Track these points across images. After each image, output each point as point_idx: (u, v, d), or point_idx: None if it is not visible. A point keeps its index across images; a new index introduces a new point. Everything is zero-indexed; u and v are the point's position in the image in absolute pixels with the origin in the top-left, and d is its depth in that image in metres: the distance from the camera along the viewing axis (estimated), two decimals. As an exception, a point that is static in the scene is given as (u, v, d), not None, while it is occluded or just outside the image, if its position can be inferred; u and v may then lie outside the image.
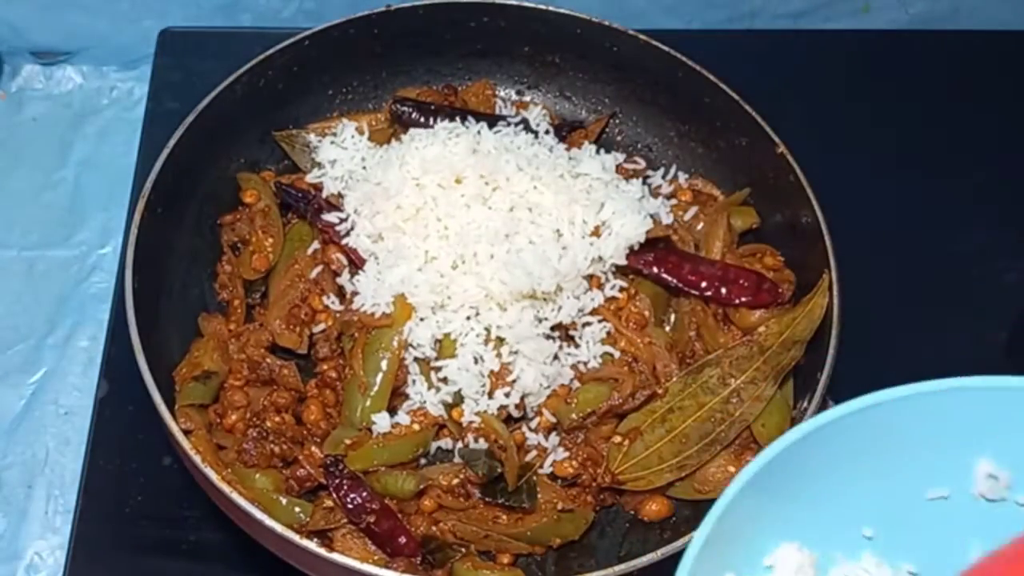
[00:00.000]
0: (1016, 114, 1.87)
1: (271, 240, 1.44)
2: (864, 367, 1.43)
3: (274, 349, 1.37)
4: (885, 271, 1.65)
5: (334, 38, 1.52)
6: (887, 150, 1.82)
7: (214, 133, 1.45)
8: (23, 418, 1.58)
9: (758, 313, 1.38)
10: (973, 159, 1.81)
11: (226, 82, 1.45)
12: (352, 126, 1.53)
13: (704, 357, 1.36)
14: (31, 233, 1.75)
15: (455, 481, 1.28)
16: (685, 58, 1.52)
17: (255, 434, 1.28)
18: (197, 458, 1.19)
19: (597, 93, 1.64)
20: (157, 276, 1.36)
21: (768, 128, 1.45)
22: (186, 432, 1.24)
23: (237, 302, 1.42)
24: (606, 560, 1.30)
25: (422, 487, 1.27)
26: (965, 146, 1.82)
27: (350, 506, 1.24)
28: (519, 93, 1.65)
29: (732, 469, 1.30)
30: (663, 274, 1.39)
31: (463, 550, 1.27)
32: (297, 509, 1.25)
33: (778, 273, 1.43)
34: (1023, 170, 1.82)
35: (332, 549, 1.17)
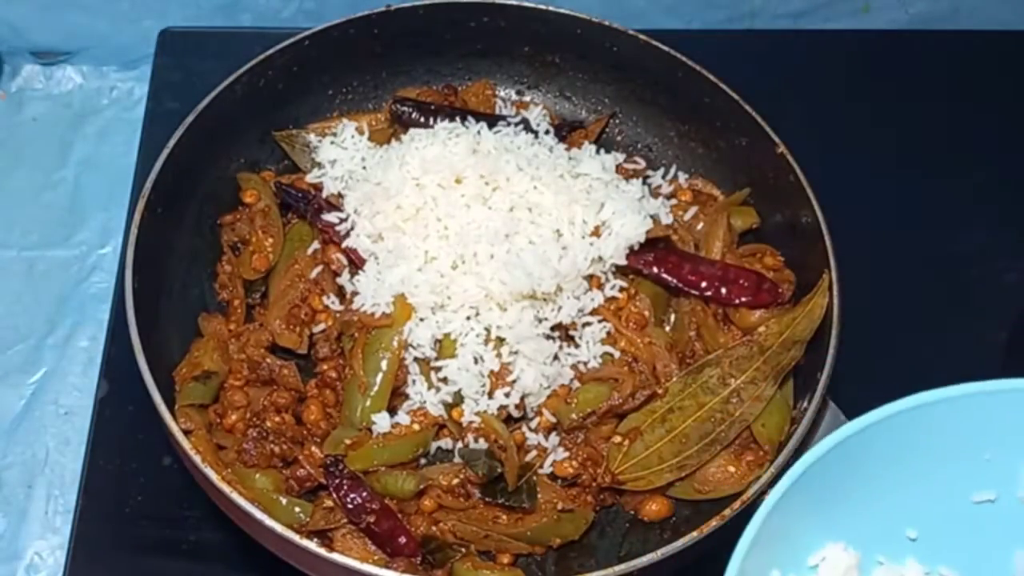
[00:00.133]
0: (1016, 114, 1.87)
1: (271, 240, 1.44)
2: (864, 367, 1.44)
3: (274, 349, 1.37)
4: (885, 271, 1.65)
5: (334, 38, 1.52)
6: (887, 150, 1.82)
7: (214, 133, 1.45)
8: (23, 418, 1.58)
9: (758, 313, 1.38)
10: (973, 159, 1.81)
11: (226, 82, 1.45)
12: (352, 126, 1.53)
13: (704, 357, 1.36)
14: (31, 233, 1.76)
15: (455, 481, 1.28)
16: (685, 58, 1.52)
17: (255, 434, 1.28)
18: (197, 458, 1.19)
19: (597, 93, 1.64)
20: (157, 276, 1.36)
21: (768, 128, 1.45)
22: (186, 432, 1.24)
23: (237, 302, 1.42)
24: (606, 560, 1.30)
25: (422, 487, 1.27)
26: (965, 146, 1.82)
27: (350, 506, 1.24)
28: (519, 93, 1.65)
29: (732, 469, 1.30)
30: (663, 274, 1.39)
31: (463, 550, 1.27)
32: (297, 509, 1.25)
33: (778, 273, 1.43)
34: (1023, 170, 1.82)
35: (332, 549, 1.17)
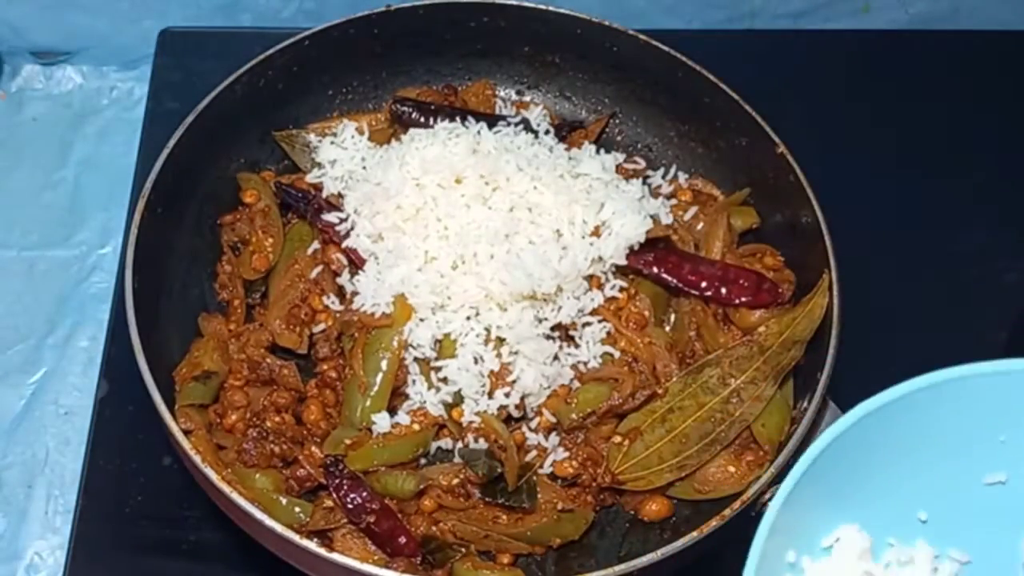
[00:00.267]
0: (1016, 114, 1.87)
1: (271, 240, 1.44)
2: (864, 367, 1.43)
3: (274, 349, 1.37)
4: (885, 271, 1.65)
5: (334, 38, 1.52)
6: (887, 150, 1.82)
7: (214, 133, 1.45)
8: (23, 418, 1.58)
9: (758, 313, 1.38)
10: (973, 159, 1.81)
11: (226, 82, 1.45)
12: (352, 126, 1.53)
13: (704, 357, 1.36)
14: (31, 233, 1.76)
15: (455, 481, 1.28)
16: (685, 58, 1.52)
17: (255, 434, 1.28)
18: (197, 458, 1.19)
19: (597, 93, 1.64)
20: (157, 276, 1.36)
21: (768, 128, 1.45)
22: (186, 432, 1.24)
23: (237, 302, 1.42)
24: (606, 560, 1.30)
25: (422, 487, 1.27)
26: (965, 146, 1.82)
27: (350, 506, 1.24)
28: (519, 93, 1.65)
29: (732, 469, 1.30)
30: (663, 274, 1.39)
31: (463, 550, 1.27)
32: (297, 509, 1.25)
33: (778, 273, 1.43)
34: (1023, 170, 1.82)
35: (332, 549, 1.17)
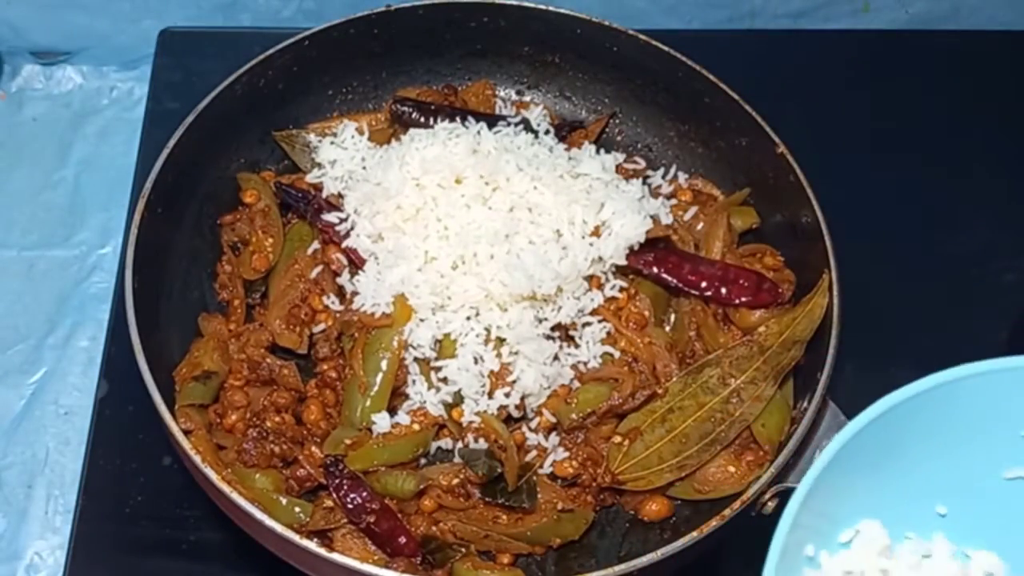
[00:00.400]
0: (1016, 114, 1.87)
1: (271, 240, 1.44)
2: (864, 367, 1.44)
3: (274, 349, 1.37)
4: (885, 271, 1.65)
5: (334, 38, 1.52)
6: (887, 150, 1.81)
7: (214, 133, 1.45)
8: (23, 418, 1.58)
9: (758, 313, 1.38)
10: (973, 159, 1.81)
11: (226, 82, 1.45)
12: (352, 126, 1.53)
13: (704, 357, 1.36)
14: (31, 233, 1.75)
15: (455, 481, 1.28)
16: (685, 58, 1.52)
17: (255, 434, 1.28)
18: (197, 458, 1.19)
19: (597, 93, 1.64)
20: (157, 276, 1.36)
21: (768, 128, 1.45)
22: (186, 432, 1.24)
23: (237, 302, 1.42)
24: (606, 560, 1.30)
25: (422, 487, 1.27)
26: (965, 146, 1.82)
27: (350, 506, 1.24)
28: (519, 93, 1.65)
29: (732, 469, 1.30)
30: (663, 274, 1.39)
31: (463, 550, 1.27)
32: (297, 509, 1.25)
33: (778, 273, 1.43)
34: (1023, 170, 1.82)
35: (332, 549, 1.17)
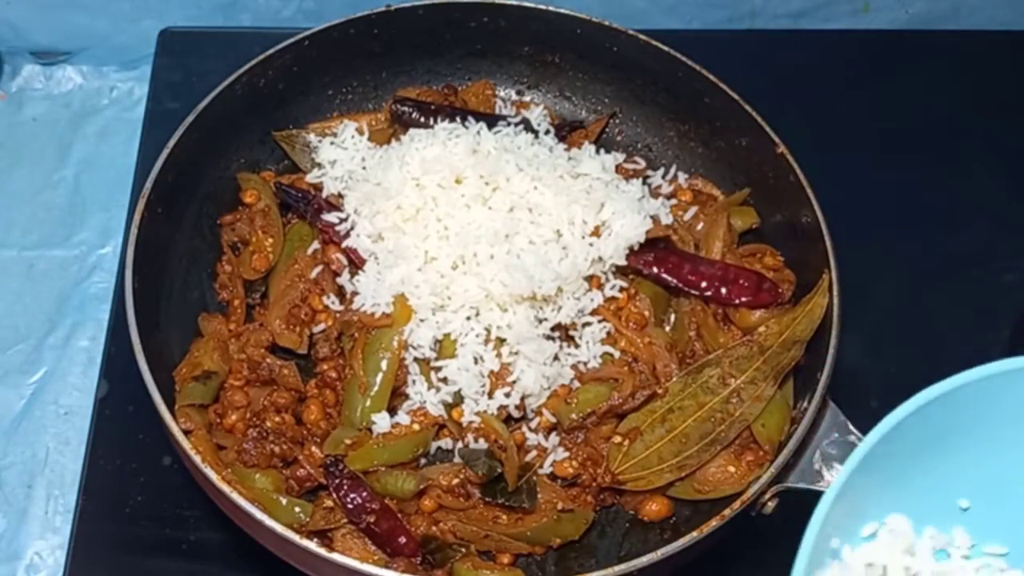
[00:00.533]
0: (1016, 114, 1.87)
1: (271, 240, 1.44)
2: (864, 367, 1.44)
3: (274, 349, 1.37)
4: (885, 271, 1.65)
5: (334, 38, 1.52)
6: (887, 150, 1.82)
7: (214, 133, 1.45)
8: (23, 418, 1.58)
9: (758, 313, 1.38)
10: (973, 159, 1.81)
11: (226, 82, 1.45)
12: (352, 126, 1.53)
13: (704, 357, 1.36)
14: (31, 233, 1.75)
15: (455, 481, 1.28)
16: (685, 58, 1.52)
17: (255, 434, 1.28)
18: (197, 458, 1.19)
19: (597, 93, 1.63)
20: (157, 276, 1.36)
21: (768, 128, 1.45)
22: (186, 432, 1.24)
23: (237, 302, 1.42)
24: (606, 560, 1.30)
25: (422, 487, 1.27)
26: (965, 146, 1.82)
27: (350, 506, 1.24)
28: (519, 93, 1.65)
29: (732, 469, 1.30)
30: (663, 274, 1.39)
31: (463, 550, 1.27)
32: (297, 509, 1.25)
33: (778, 273, 1.43)
34: (1023, 170, 1.82)
35: (332, 549, 1.17)
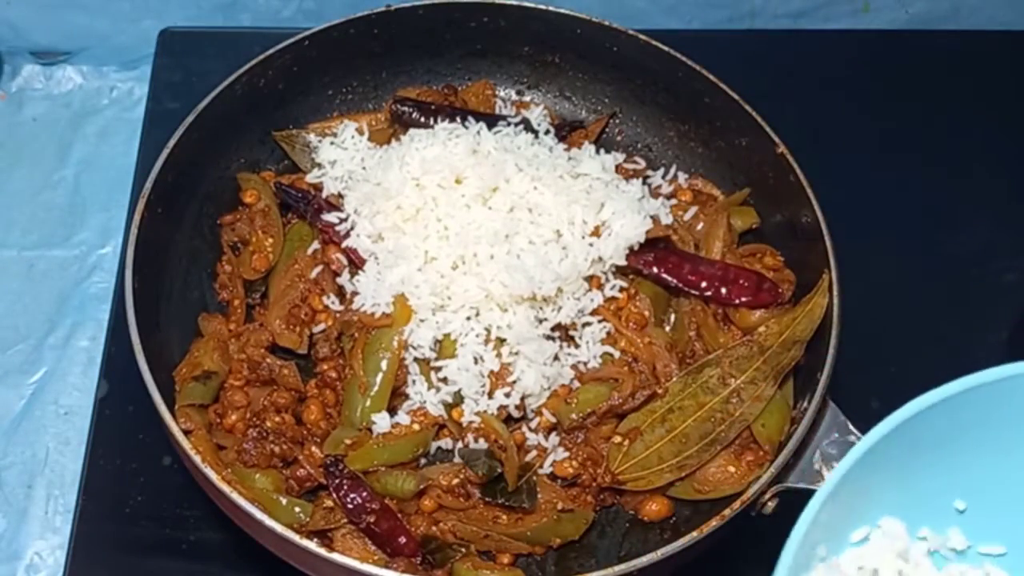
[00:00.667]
0: (1016, 114, 1.87)
1: (271, 240, 1.44)
2: (864, 367, 1.44)
3: (274, 349, 1.37)
4: (885, 271, 1.65)
5: (334, 38, 1.52)
6: (887, 150, 1.82)
7: (214, 133, 1.45)
8: (23, 418, 1.58)
9: (758, 313, 1.38)
10: (973, 159, 1.81)
11: (226, 82, 1.45)
12: (352, 126, 1.53)
13: (704, 357, 1.36)
14: (31, 233, 1.75)
15: (455, 481, 1.28)
16: (685, 58, 1.52)
17: (255, 434, 1.28)
18: (197, 458, 1.19)
19: (597, 93, 1.63)
20: (157, 276, 1.36)
21: (768, 128, 1.45)
22: (186, 432, 1.24)
23: (237, 302, 1.42)
24: (606, 560, 1.30)
25: (422, 487, 1.27)
26: (965, 146, 1.82)
27: (350, 506, 1.24)
28: (519, 93, 1.65)
29: (732, 469, 1.30)
30: (663, 274, 1.39)
31: (463, 550, 1.27)
32: (297, 509, 1.25)
33: (778, 273, 1.43)
34: (1023, 170, 1.82)
35: (332, 549, 1.17)
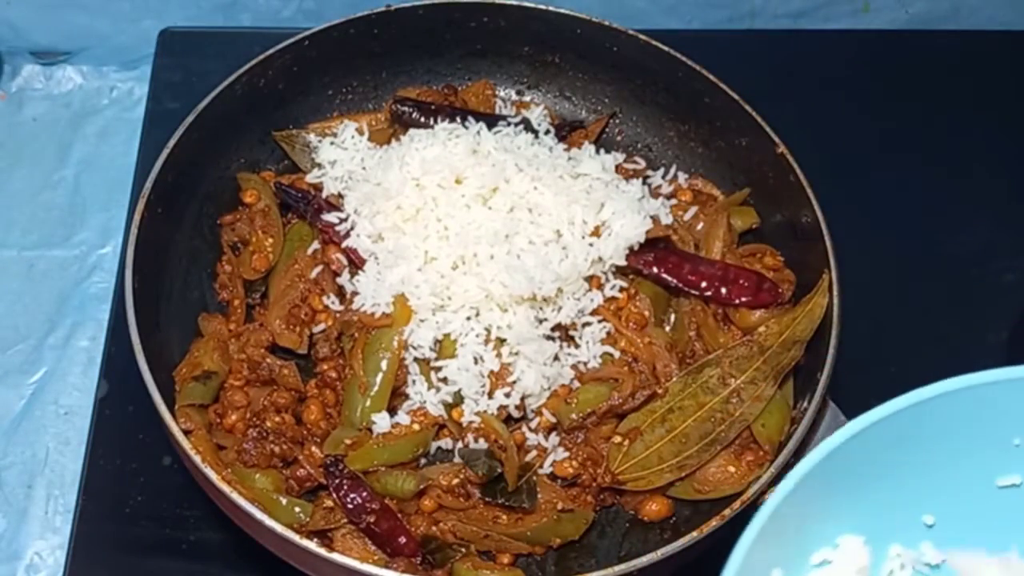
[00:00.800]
0: (1016, 114, 1.87)
1: (271, 240, 1.44)
2: (864, 367, 1.44)
3: (274, 349, 1.37)
4: (885, 271, 1.65)
5: (334, 38, 1.52)
6: (887, 150, 1.82)
7: (214, 133, 1.45)
8: (23, 418, 1.58)
9: (758, 313, 1.38)
10: (973, 159, 1.81)
11: (226, 82, 1.45)
12: (352, 126, 1.53)
13: (704, 357, 1.36)
14: (31, 233, 1.75)
15: (455, 481, 1.28)
16: (685, 58, 1.52)
17: (255, 434, 1.28)
18: (197, 458, 1.19)
19: (597, 93, 1.63)
20: (157, 276, 1.36)
21: (768, 128, 1.45)
22: (186, 432, 1.24)
23: (237, 302, 1.42)
24: (606, 560, 1.30)
25: (422, 487, 1.27)
26: (965, 146, 1.82)
27: (350, 506, 1.24)
28: (519, 93, 1.65)
29: (732, 469, 1.30)
30: (663, 274, 1.39)
31: (463, 550, 1.27)
32: (297, 509, 1.25)
33: (778, 273, 1.43)
34: (1023, 170, 1.82)
35: (332, 549, 1.17)
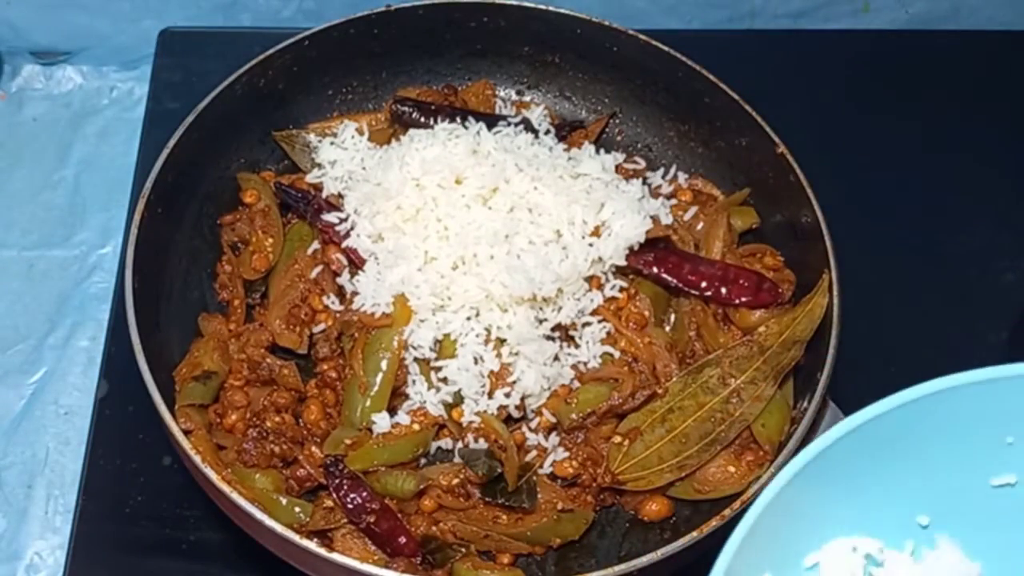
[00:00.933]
0: (1016, 114, 1.87)
1: (271, 240, 1.44)
2: (864, 367, 1.44)
3: (274, 349, 1.37)
4: (885, 271, 1.65)
5: (334, 38, 1.52)
6: (887, 150, 1.82)
7: (214, 133, 1.45)
8: (23, 418, 1.58)
9: (758, 313, 1.38)
10: (973, 159, 1.81)
11: (226, 82, 1.45)
12: (352, 126, 1.53)
13: (704, 357, 1.36)
14: (31, 233, 1.76)
15: (455, 481, 1.28)
16: (685, 58, 1.52)
17: (255, 434, 1.28)
18: (197, 458, 1.19)
19: (597, 93, 1.63)
20: (157, 276, 1.36)
21: (768, 128, 1.45)
22: (186, 432, 1.24)
23: (237, 302, 1.42)
24: (606, 560, 1.30)
25: (422, 487, 1.27)
26: (965, 146, 1.82)
27: (350, 506, 1.24)
28: (519, 93, 1.65)
29: (732, 469, 1.30)
30: (663, 274, 1.39)
31: (463, 550, 1.27)
32: (297, 509, 1.25)
33: (778, 273, 1.43)
34: (1023, 170, 1.82)
35: (332, 549, 1.17)
